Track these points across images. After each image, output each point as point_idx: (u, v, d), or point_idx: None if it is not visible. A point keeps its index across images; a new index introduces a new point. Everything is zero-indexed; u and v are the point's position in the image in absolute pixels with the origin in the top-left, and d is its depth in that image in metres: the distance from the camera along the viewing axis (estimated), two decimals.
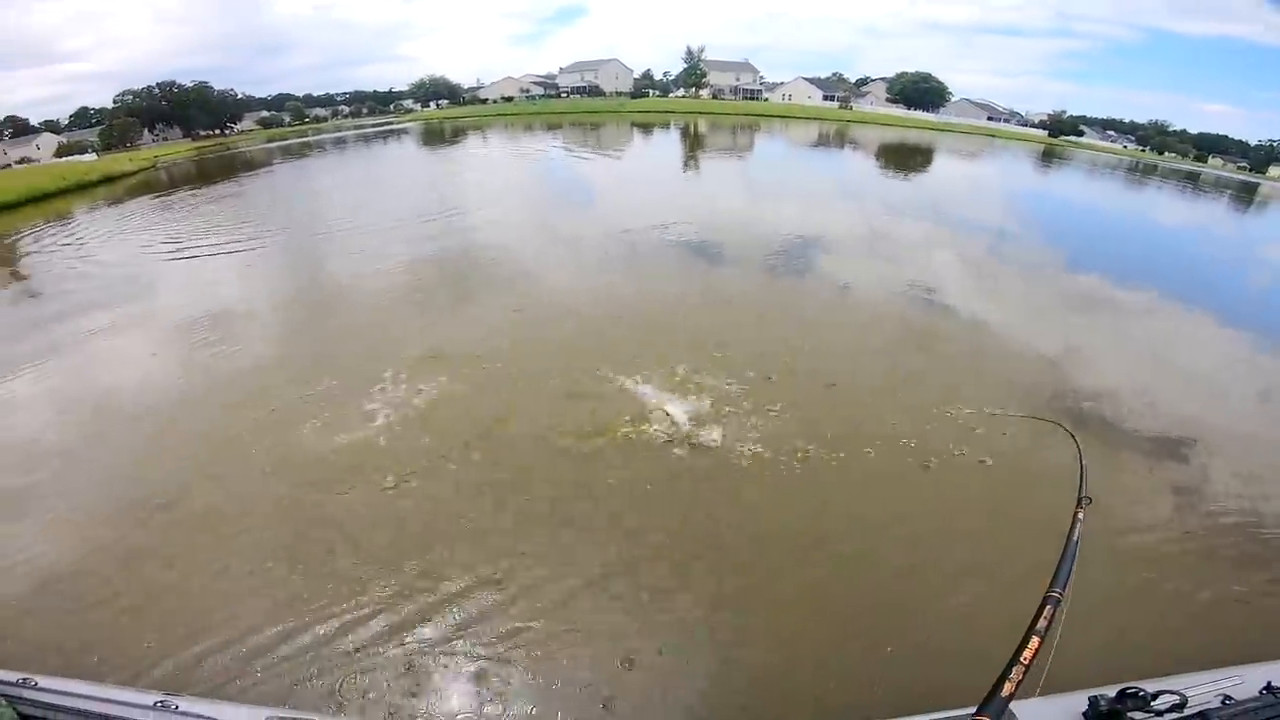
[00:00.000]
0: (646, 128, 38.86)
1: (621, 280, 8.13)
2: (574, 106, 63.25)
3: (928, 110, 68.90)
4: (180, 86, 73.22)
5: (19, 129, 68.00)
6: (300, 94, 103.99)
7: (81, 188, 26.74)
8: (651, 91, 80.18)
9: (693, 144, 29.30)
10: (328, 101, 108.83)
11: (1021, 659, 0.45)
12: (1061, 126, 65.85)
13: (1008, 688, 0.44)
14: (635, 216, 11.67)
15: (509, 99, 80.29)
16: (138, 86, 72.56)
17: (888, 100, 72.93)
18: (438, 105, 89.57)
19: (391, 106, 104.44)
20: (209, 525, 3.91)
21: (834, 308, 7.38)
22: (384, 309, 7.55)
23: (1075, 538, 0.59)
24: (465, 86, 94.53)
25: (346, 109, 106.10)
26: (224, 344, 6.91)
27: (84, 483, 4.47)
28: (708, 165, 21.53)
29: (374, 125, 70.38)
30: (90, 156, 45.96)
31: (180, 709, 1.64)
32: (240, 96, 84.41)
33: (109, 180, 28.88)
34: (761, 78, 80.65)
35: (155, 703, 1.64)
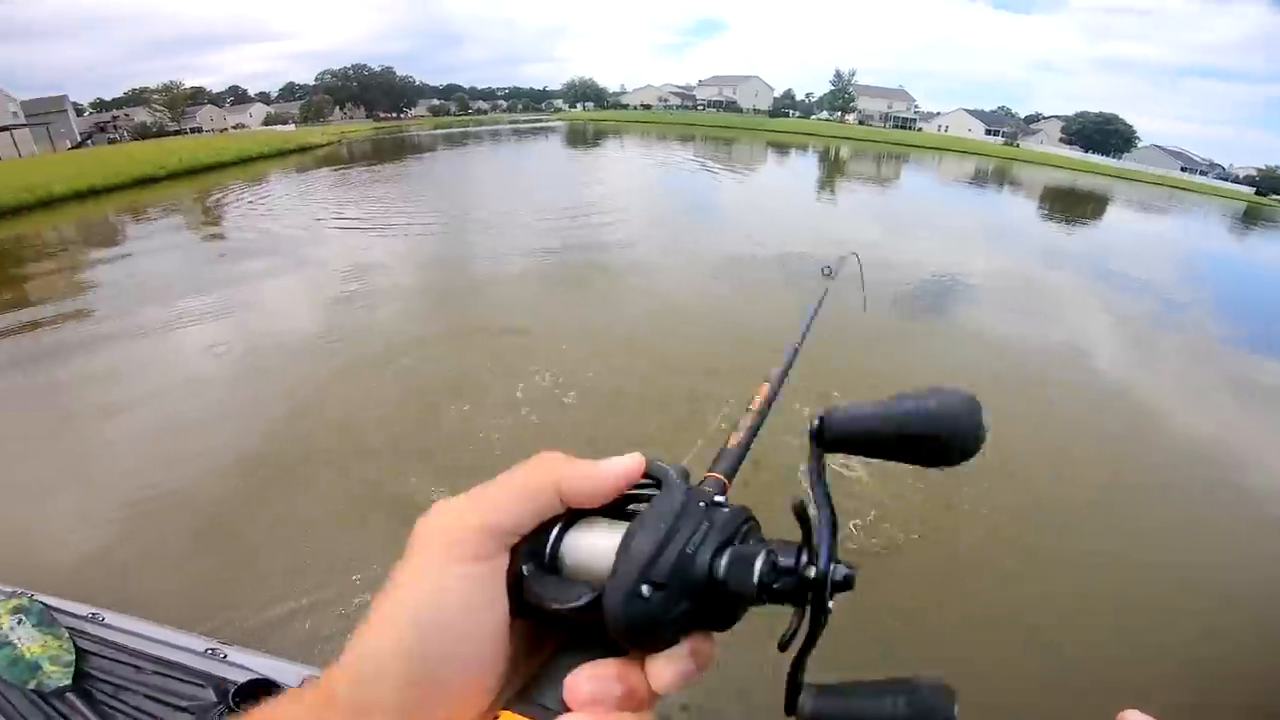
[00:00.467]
0: (783, 148, 37.98)
1: (744, 306, 7.74)
2: (710, 120, 63.52)
3: (1108, 155, 61.12)
4: (369, 70, 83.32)
5: (238, 98, 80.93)
6: (467, 86, 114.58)
7: (280, 154, 31.11)
8: (792, 112, 78.68)
9: (831, 169, 28.08)
10: (489, 95, 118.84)
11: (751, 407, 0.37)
12: (1274, 184, 55.67)
13: (737, 439, 0.33)
14: (758, 238, 11.29)
15: (647, 107, 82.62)
16: (336, 67, 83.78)
17: (1061, 140, 65.71)
18: (584, 107, 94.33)
19: (543, 105, 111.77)
20: None
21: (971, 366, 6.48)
22: (523, 292, 7.96)
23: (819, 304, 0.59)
24: (610, 91, 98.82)
25: (504, 104, 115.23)
26: (363, 300, 7.71)
27: None
28: (846, 192, 20.46)
29: (527, 121, 75.44)
30: (290, 127, 53.46)
31: (228, 658, 1.73)
32: (417, 84, 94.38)
33: (301, 150, 33.37)
34: (916, 106, 76.24)
35: (206, 649, 1.74)
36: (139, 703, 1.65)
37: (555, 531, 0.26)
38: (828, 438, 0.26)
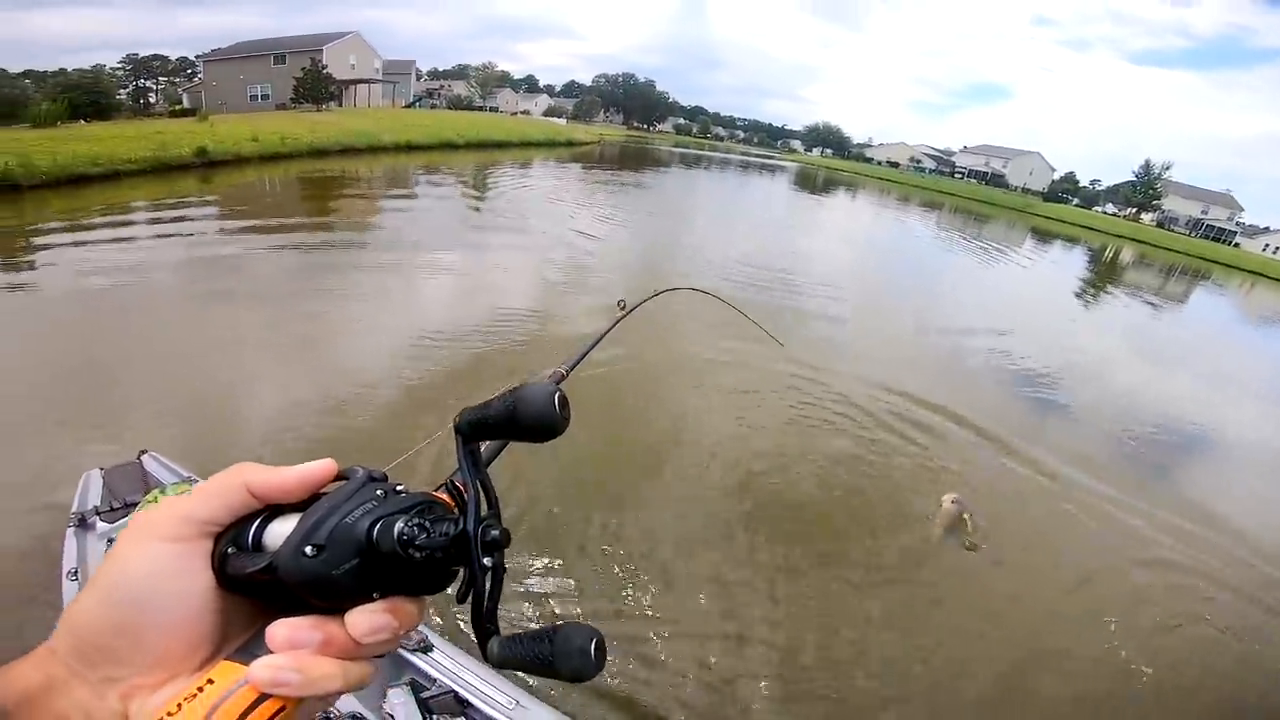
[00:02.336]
0: (1046, 236, 32.40)
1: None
2: (967, 191, 57.15)
3: None
4: (635, 80, 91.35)
5: (531, 87, 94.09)
6: (711, 111, 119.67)
7: (552, 145, 35.15)
8: (1071, 199, 67.75)
9: (1104, 275, 22.67)
10: (729, 123, 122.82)
11: None
12: None
13: None
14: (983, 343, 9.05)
15: (895, 164, 77.59)
16: (610, 72, 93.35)
17: None
18: (822, 152, 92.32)
19: (779, 142, 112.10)
20: None
21: None
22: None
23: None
24: (855, 141, 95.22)
25: (741, 134, 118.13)
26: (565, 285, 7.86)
27: None
28: (1106, 301, 16.06)
29: (758, 155, 76.21)
30: (562, 121, 60.53)
31: None
32: (670, 100, 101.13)
33: (569, 145, 37.37)
34: (1240, 217, 60.34)
35: None
36: None
37: (257, 523, 0.31)
38: (465, 429, 0.33)
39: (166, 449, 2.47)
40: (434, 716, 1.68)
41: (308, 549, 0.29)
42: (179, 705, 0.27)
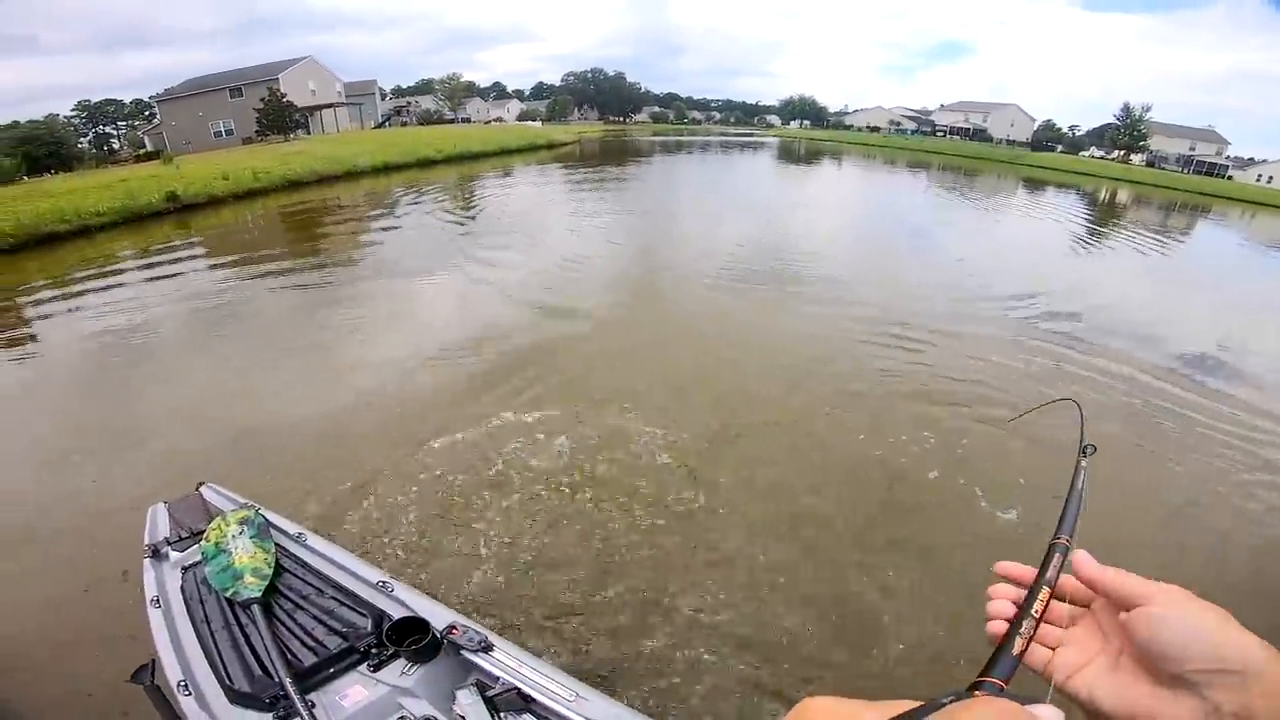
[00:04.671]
0: (1039, 185, 31.67)
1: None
2: (952, 149, 56.35)
3: None
4: (604, 75, 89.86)
5: (500, 93, 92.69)
6: (684, 96, 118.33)
7: (533, 149, 34.19)
8: (1056, 146, 67.04)
9: (1105, 215, 22.02)
10: (704, 106, 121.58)
11: (1033, 611, 0.44)
12: None
13: (1019, 644, 0.43)
14: (1002, 289, 8.49)
15: (875, 129, 76.65)
16: (577, 69, 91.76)
17: None
18: (801, 124, 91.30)
19: (755, 119, 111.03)
20: None
21: None
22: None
23: (1080, 485, 0.57)
24: (831, 110, 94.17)
25: (718, 115, 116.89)
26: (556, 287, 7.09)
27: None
28: (1114, 242, 15.25)
29: (737, 134, 75.19)
30: (537, 124, 59.39)
31: (394, 592, 1.99)
32: (642, 90, 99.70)
33: (550, 147, 36.38)
34: (1228, 151, 59.70)
35: (378, 581, 2.02)
36: (307, 622, 1.90)
37: None
38: None
39: (218, 477, 2.59)
40: (500, 714, 1.71)
41: None
42: None
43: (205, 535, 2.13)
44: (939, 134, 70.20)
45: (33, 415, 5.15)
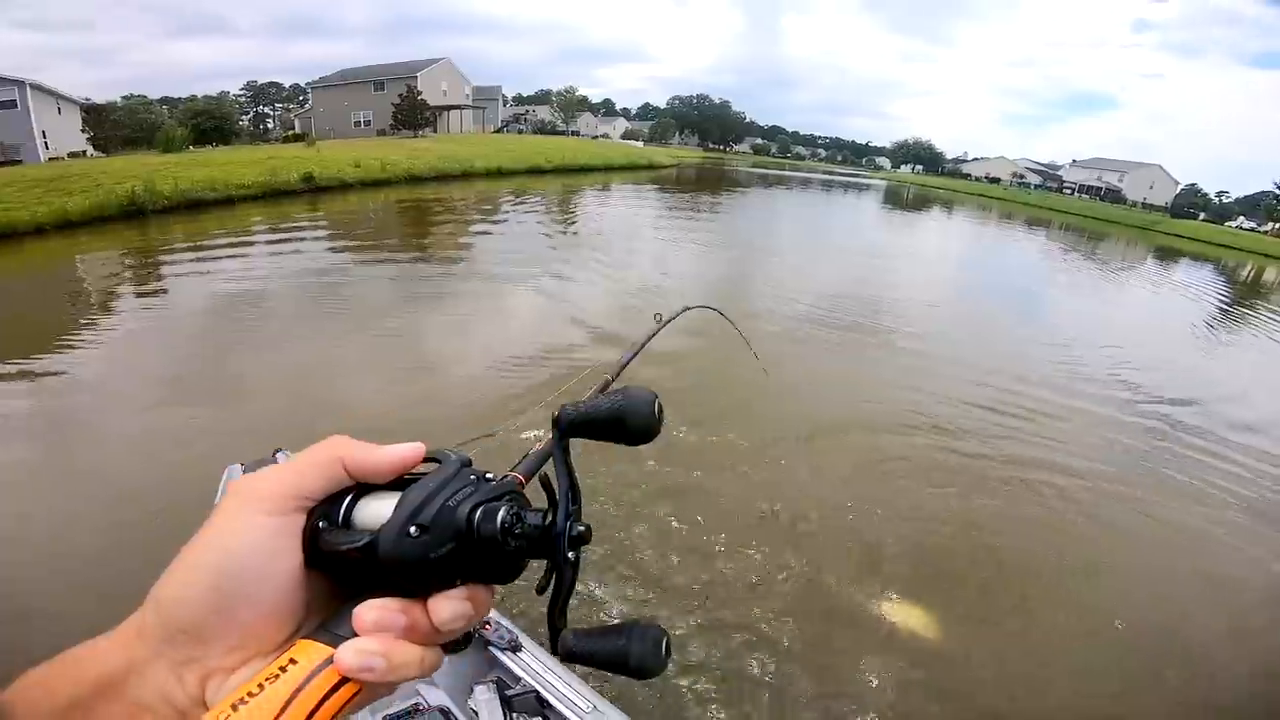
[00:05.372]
0: (1172, 255, 28.14)
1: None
2: (1079, 207, 51.78)
3: None
4: (710, 101, 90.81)
5: (608, 110, 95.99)
6: (790, 130, 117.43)
7: (631, 167, 34.97)
8: (1198, 213, 60.27)
9: (1245, 294, 18.72)
10: (810, 142, 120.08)
11: None
12: None
13: None
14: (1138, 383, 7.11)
15: (994, 180, 72.21)
16: (683, 94, 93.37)
17: None
18: (913, 169, 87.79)
19: (864, 160, 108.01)
20: None
21: None
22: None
23: None
24: (948, 156, 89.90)
25: (823, 152, 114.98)
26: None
27: None
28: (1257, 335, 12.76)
29: (843, 173, 73.34)
30: (639, 144, 60.86)
31: None
32: (746, 120, 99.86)
33: (650, 168, 37.05)
34: None
35: None
36: None
37: (347, 500, 0.31)
38: (564, 425, 0.34)
39: (295, 446, 2.46)
40: (515, 715, 1.71)
41: (412, 529, 0.28)
42: (260, 685, 0.26)
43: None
44: (1066, 190, 65.03)
45: (145, 360, 5.61)
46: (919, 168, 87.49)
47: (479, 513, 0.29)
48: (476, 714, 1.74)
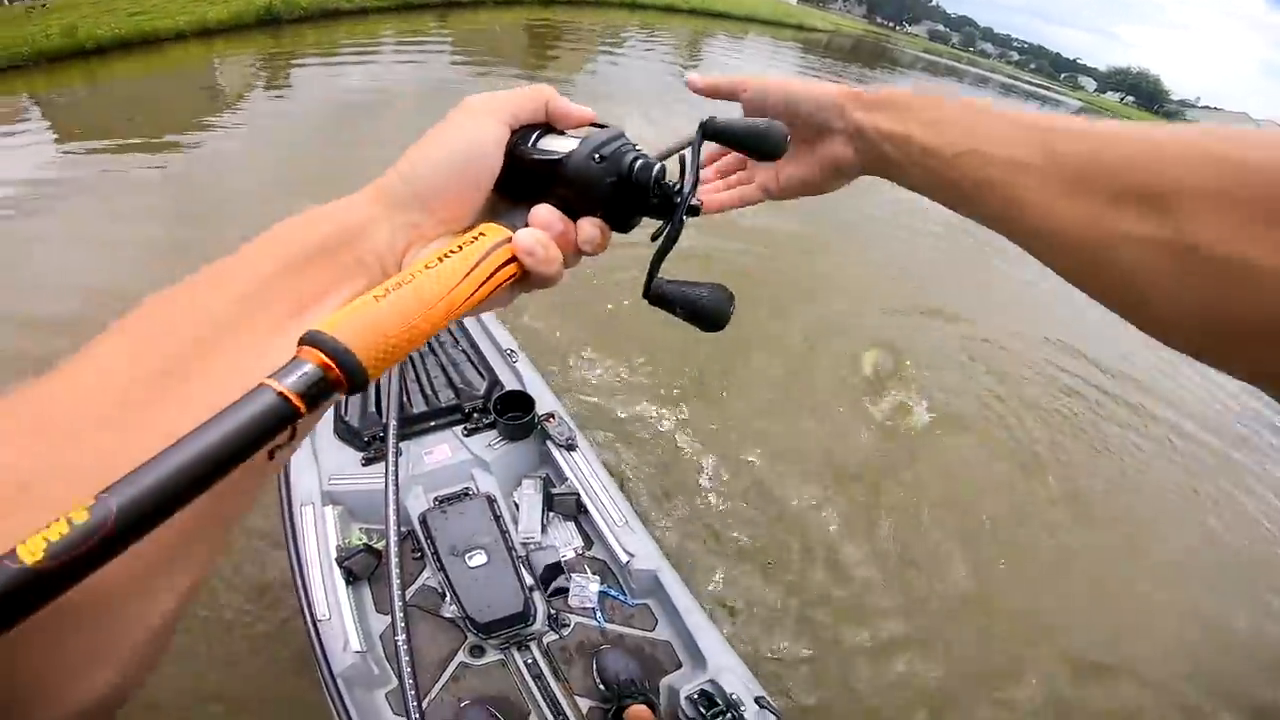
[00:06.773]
0: None
1: None
2: None
3: None
4: None
5: None
6: (982, 25, 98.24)
7: (777, 24, 31.60)
8: None
9: None
10: (1004, 42, 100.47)
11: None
12: None
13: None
14: None
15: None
16: None
17: None
18: (1122, 99, 72.41)
19: (1062, 75, 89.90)
20: None
21: None
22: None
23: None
24: (1174, 96, 73.00)
25: (1016, 55, 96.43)
26: None
27: None
28: None
29: (1030, 83, 62.13)
30: (793, 1, 53.61)
31: (517, 363, 2.21)
32: (931, 2, 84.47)
33: (799, 28, 33.27)
34: None
35: (507, 349, 2.25)
36: (433, 368, 2.06)
37: (539, 132, 0.38)
38: (709, 126, 0.40)
39: None
40: (552, 513, 1.85)
41: (596, 156, 0.35)
42: (459, 247, 0.31)
43: None
44: None
45: (267, 147, 6.52)
46: (1130, 99, 71.96)
47: (639, 163, 0.36)
48: (518, 506, 1.84)
